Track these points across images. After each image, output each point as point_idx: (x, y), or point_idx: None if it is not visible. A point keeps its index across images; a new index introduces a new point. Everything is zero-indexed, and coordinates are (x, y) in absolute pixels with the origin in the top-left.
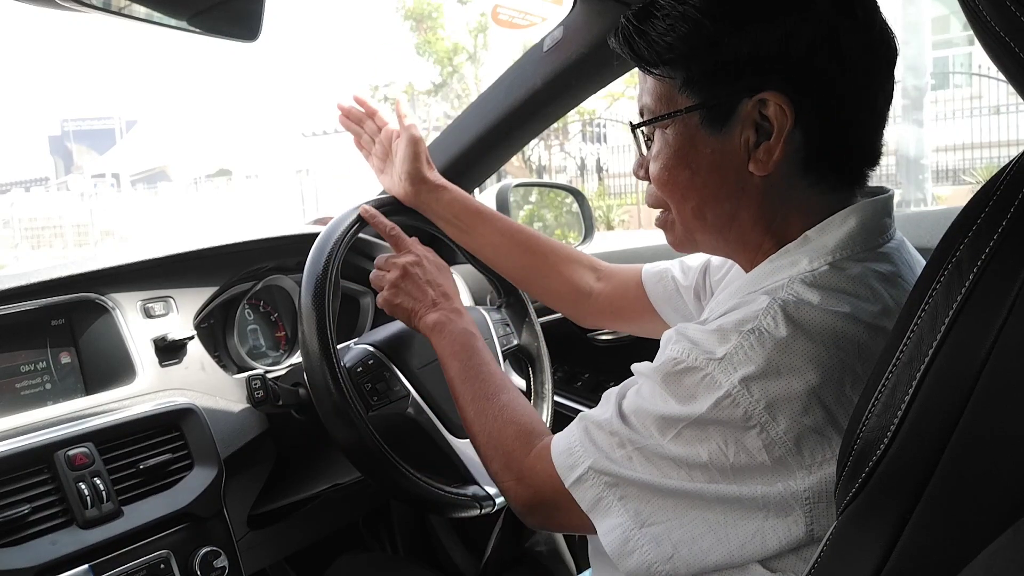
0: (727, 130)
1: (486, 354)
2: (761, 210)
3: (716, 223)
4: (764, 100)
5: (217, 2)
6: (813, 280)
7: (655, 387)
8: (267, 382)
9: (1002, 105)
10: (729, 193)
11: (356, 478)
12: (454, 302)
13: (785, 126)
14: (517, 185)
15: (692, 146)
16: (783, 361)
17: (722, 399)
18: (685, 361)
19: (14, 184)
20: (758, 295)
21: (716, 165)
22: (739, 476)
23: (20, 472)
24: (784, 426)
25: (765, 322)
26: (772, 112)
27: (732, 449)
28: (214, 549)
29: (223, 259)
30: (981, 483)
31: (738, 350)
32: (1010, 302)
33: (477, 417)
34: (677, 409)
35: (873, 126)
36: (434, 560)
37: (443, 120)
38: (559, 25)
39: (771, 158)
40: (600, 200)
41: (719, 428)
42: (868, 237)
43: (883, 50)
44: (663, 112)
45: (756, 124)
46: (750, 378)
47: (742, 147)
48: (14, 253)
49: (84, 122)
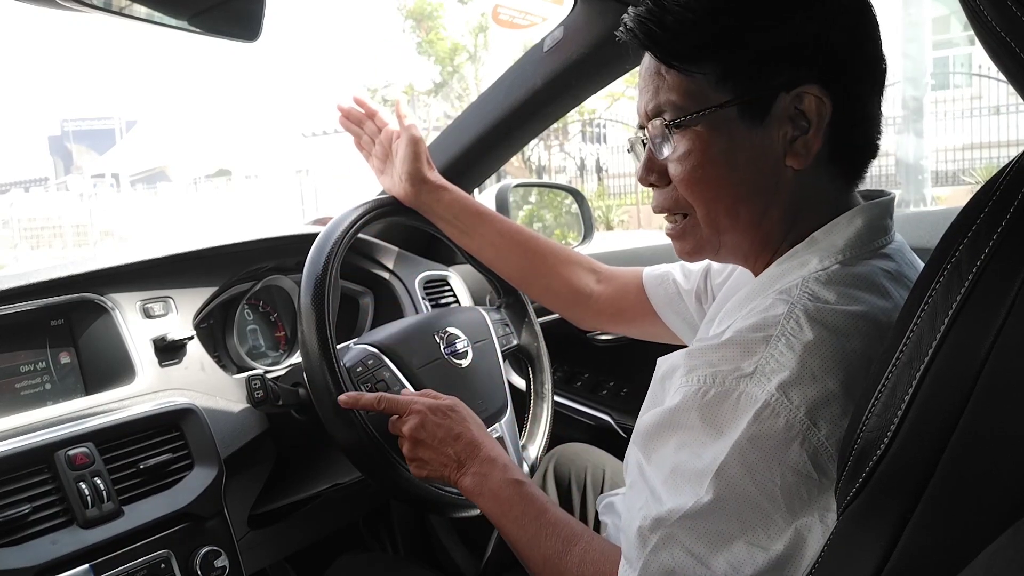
0: (766, 124)
1: (538, 500)
2: (790, 207)
3: (748, 220)
4: (801, 94)
5: (217, 2)
6: (827, 278)
7: (686, 435)
8: (267, 382)
9: (1002, 105)
10: (764, 188)
11: (356, 478)
12: (481, 448)
13: (825, 119)
14: (517, 185)
15: (730, 142)
16: (816, 364)
17: (761, 411)
18: (713, 388)
19: (13, 184)
20: (773, 299)
21: (754, 160)
22: (788, 497)
23: (20, 472)
24: (825, 431)
25: (790, 327)
26: (809, 105)
27: (778, 472)
28: (214, 549)
29: (223, 259)
30: (981, 483)
31: (768, 360)
32: (1009, 302)
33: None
34: (714, 448)
35: (879, 118)
36: (434, 560)
37: (443, 120)
38: (559, 25)
39: (809, 152)
40: (600, 200)
41: (761, 454)
42: (873, 237)
43: (880, 43)
44: (695, 109)
45: (791, 118)
46: (787, 384)
47: (780, 141)
48: (13, 253)
49: (84, 122)
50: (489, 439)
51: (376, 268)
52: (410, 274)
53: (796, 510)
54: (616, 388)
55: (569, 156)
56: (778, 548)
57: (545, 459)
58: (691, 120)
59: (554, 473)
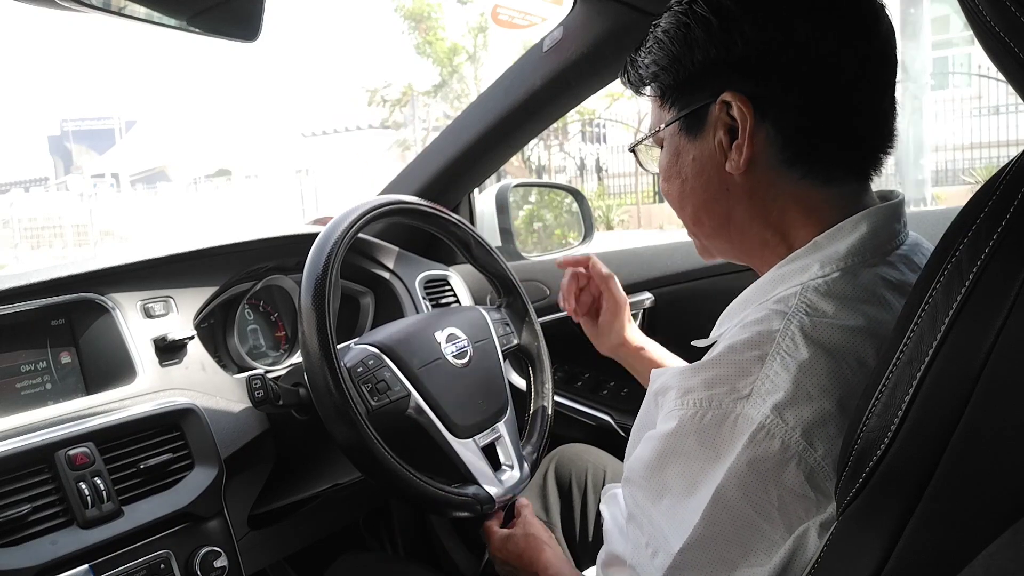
0: (703, 135)
1: None
2: (752, 207)
3: (713, 226)
4: (727, 101)
5: (217, 2)
6: (827, 289)
7: (684, 462)
8: (267, 382)
9: (1002, 105)
10: (716, 195)
11: (356, 478)
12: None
13: (747, 123)
14: (517, 185)
15: (678, 156)
16: (811, 384)
17: (756, 432)
18: (710, 411)
19: (14, 184)
20: (769, 311)
21: (699, 170)
22: (785, 517)
23: (20, 472)
24: (821, 452)
25: (785, 345)
26: (736, 112)
27: (775, 493)
28: (214, 549)
29: (223, 259)
30: (981, 483)
31: (764, 380)
32: (1010, 302)
33: None
34: (712, 473)
35: (860, 111)
36: (434, 560)
37: (443, 120)
38: (559, 25)
39: (741, 156)
40: (600, 200)
41: (757, 476)
42: (879, 243)
43: (871, 37)
44: (654, 129)
45: (728, 125)
46: (782, 405)
47: (717, 149)
48: (14, 253)
49: (84, 122)
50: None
51: (376, 268)
52: (410, 274)
53: (793, 527)
54: (616, 388)
55: (569, 156)
56: (776, 561)
57: (546, 459)
58: (649, 139)
59: (555, 473)
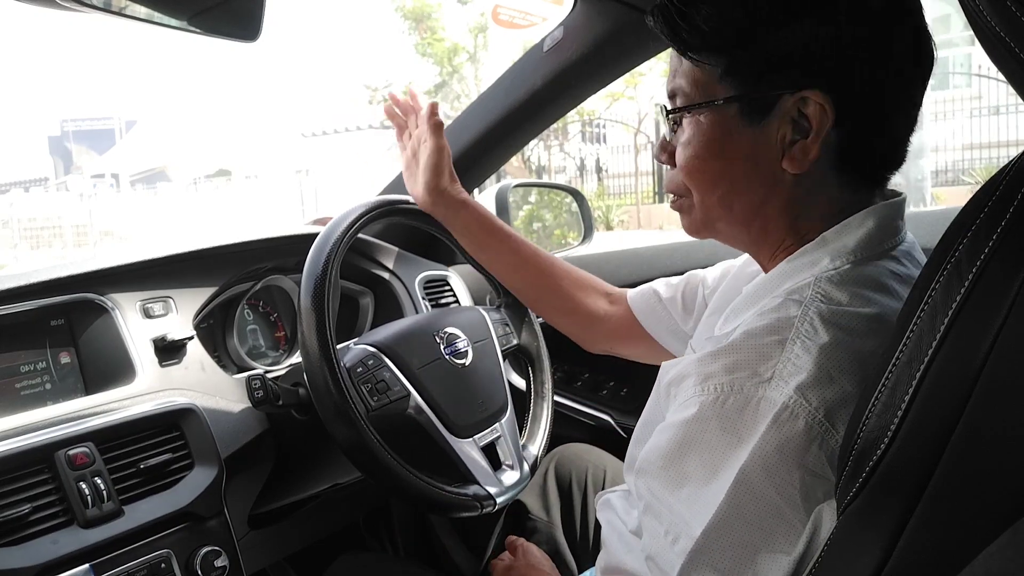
0: (765, 124)
1: None
2: (788, 206)
3: (742, 214)
4: (805, 98)
5: (217, 2)
6: (840, 279)
7: (706, 448)
8: (267, 382)
9: (1002, 105)
10: (759, 186)
11: (356, 478)
12: None
13: (825, 126)
14: (516, 185)
15: (727, 136)
16: (833, 365)
17: (780, 413)
18: (732, 395)
19: (13, 184)
20: (784, 299)
21: (749, 158)
22: (806, 499)
23: (20, 472)
24: (842, 433)
25: (804, 329)
26: (812, 111)
27: (797, 474)
28: (215, 549)
29: (222, 259)
30: (981, 483)
31: (785, 363)
32: (1010, 302)
33: None
34: (735, 456)
35: (906, 132)
36: (434, 560)
37: (442, 120)
38: (559, 25)
39: (807, 157)
40: (599, 200)
41: (781, 457)
42: (883, 239)
43: (923, 57)
44: (699, 99)
45: (793, 121)
46: (805, 386)
47: (778, 142)
48: (13, 253)
49: (84, 122)
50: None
51: (376, 268)
52: (410, 274)
53: (811, 510)
54: (616, 388)
55: (569, 156)
56: (800, 549)
57: (546, 460)
58: (694, 110)
59: (555, 473)
